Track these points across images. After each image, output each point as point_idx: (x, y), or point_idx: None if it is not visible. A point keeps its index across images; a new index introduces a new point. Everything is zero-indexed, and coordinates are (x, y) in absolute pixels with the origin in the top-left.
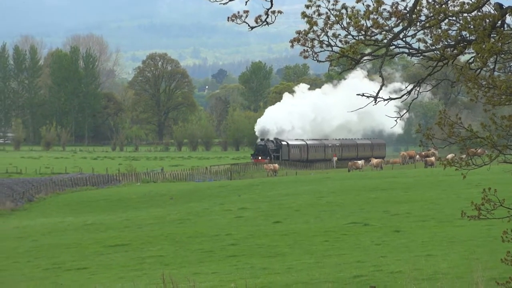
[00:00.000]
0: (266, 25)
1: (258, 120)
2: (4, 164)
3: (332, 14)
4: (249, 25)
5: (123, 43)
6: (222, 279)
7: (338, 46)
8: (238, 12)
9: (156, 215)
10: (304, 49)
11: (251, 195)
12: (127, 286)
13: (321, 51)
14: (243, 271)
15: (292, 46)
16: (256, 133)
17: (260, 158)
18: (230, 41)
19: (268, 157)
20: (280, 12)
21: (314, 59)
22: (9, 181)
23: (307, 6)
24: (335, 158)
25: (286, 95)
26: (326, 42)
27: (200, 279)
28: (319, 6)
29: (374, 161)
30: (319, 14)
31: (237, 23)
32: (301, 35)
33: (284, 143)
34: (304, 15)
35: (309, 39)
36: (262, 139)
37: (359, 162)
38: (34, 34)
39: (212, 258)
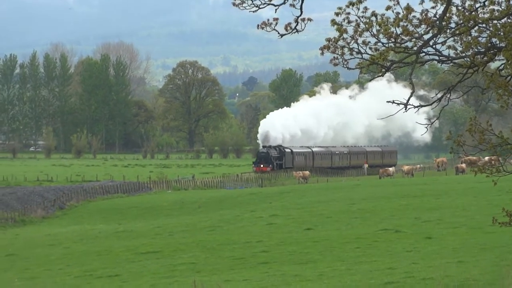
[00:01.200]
0: (296, 33)
1: (262, 124)
2: (35, 172)
3: (362, 22)
4: (278, 33)
5: (154, 50)
6: (254, 286)
7: (368, 54)
8: (268, 20)
9: (187, 223)
10: (334, 57)
11: (282, 202)
12: None
13: (351, 59)
14: (274, 278)
15: (322, 53)
16: (258, 140)
17: (262, 166)
18: (260, 48)
19: (270, 165)
20: (310, 19)
21: (344, 66)
22: (40, 189)
23: (337, 14)
24: (366, 165)
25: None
26: (356, 50)
27: (231, 286)
28: (348, 13)
29: (405, 168)
30: (349, 22)
31: (267, 30)
32: (331, 42)
33: (287, 150)
34: (333, 22)
35: (339, 46)
36: (264, 146)
37: (390, 169)
38: (65, 42)
39: (243, 265)
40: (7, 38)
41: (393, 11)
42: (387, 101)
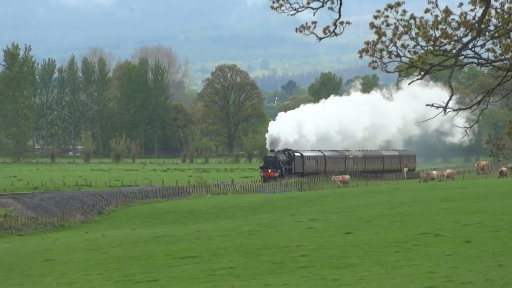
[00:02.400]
0: (335, 36)
1: (271, 128)
2: (74, 177)
3: (401, 25)
4: (317, 36)
5: (192, 54)
6: None
7: (406, 57)
8: (306, 23)
9: (226, 227)
10: (373, 60)
11: (322, 207)
12: None
13: (389, 62)
14: (314, 283)
15: (360, 56)
16: (267, 144)
17: (270, 171)
18: (299, 52)
19: (278, 170)
20: (348, 23)
21: (383, 69)
22: (79, 193)
23: (376, 17)
24: (405, 169)
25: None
26: (394, 53)
27: None
28: (387, 16)
29: (447, 171)
30: (388, 25)
31: (305, 34)
32: (369, 45)
33: (297, 154)
34: (372, 25)
35: (377, 49)
36: (272, 151)
37: (434, 172)
38: (103, 46)
39: (282, 269)
40: (45, 42)
41: (431, 14)
42: (426, 105)
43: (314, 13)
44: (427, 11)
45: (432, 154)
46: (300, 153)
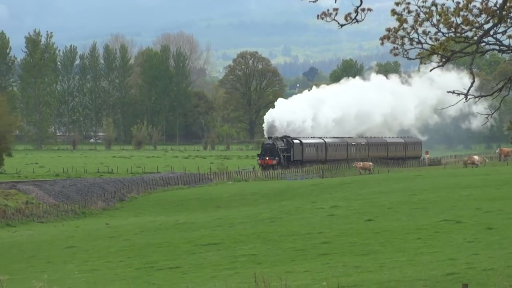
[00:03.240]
0: (356, 23)
1: (270, 112)
2: (95, 164)
3: (422, 12)
4: (338, 23)
5: (214, 41)
6: (314, 277)
7: (428, 43)
8: (328, 10)
9: (248, 214)
10: (394, 47)
11: (343, 193)
12: (219, 285)
13: (411, 49)
14: (335, 269)
15: (382, 43)
16: (265, 131)
17: (267, 158)
18: (320, 39)
19: (276, 158)
20: (369, 9)
21: (404, 56)
22: (101, 180)
23: (397, 4)
24: (427, 156)
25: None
26: (416, 40)
27: (292, 278)
28: (409, 3)
29: (475, 158)
30: (409, 12)
31: (327, 21)
32: (391, 32)
33: (296, 141)
34: (394, 12)
35: (399, 36)
36: (269, 137)
37: (476, 157)
38: (125, 33)
39: (304, 256)
40: (67, 29)
41: (453, 1)
42: (447, 91)
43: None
44: None
45: (452, 141)
46: (299, 140)
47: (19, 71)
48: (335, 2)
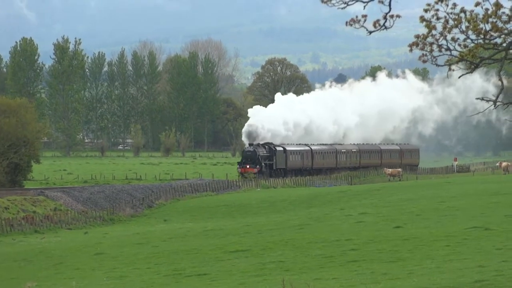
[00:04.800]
0: (385, 30)
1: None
2: (123, 171)
3: (451, 18)
4: (367, 30)
5: (242, 48)
6: (343, 284)
7: (457, 50)
8: (357, 17)
9: (276, 221)
10: (423, 53)
11: (372, 200)
12: None
13: (439, 55)
14: (363, 277)
15: (410, 50)
16: (243, 137)
17: (248, 167)
18: (349, 45)
19: (258, 166)
20: (398, 16)
21: (433, 63)
22: (129, 187)
23: (426, 10)
24: (455, 163)
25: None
26: (444, 46)
27: (321, 285)
28: (437, 10)
29: (503, 164)
30: (438, 18)
31: (355, 27)
32: (419, 39)
33: (279, 148)
34: (422, 19)
35: (427, 43)
36: (250, 144)
37: (504, 163)
38: (153, 40)
39: (332, 263)
40: (95, 36)
41: (482, 7)
42: (476, 98)
43: (364, 6)
44: (477, 4)
45: (480, 148)
46: (282, 147)
47: (48, 78)
48: (364, 8)
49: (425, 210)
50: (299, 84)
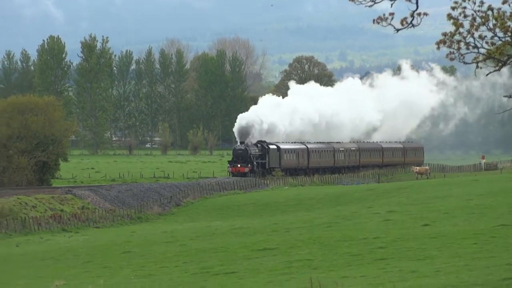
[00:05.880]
0: (412, 27)
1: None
2: (151, 169)
3: (478, 16)
4: (394, 27)
5: (270, 46)
6: (371, 282)
7: (484, 48)
8: (384, 15)
9: (304, 219)
10: (450, 51)
11: (400, 198)
12: None
13: (467, 53)
14: (391, 274)
15: (438, 48)
16: (236, 133)
17: (239, 166)
18: (376, 43)
19: (249, 165)
20: (425, 14)
21: (461, 61)
22: (157, 185)
23: (453, 8)
24: (483, 160)
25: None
26: (472, 44)
27: (348, 283)
28: (465, 7)
29: None
30: (465, 16)
31: (382, 25)
32: (447, 37)
33: (272, 147)
34: (450, 17)
35: (455, 41)
36: (241, 143)
37: None
38: (180, 38)
39: (360, 261)
40: (123, 34)
41: (509, 5)
42: (504, 96)
43: (391, 4)
44: (504, 2)
45: (508, 145)
46: (276, 146)
47: (75, 76)
48: (391, 6)
49: (453, 208)
50: (326, 82)
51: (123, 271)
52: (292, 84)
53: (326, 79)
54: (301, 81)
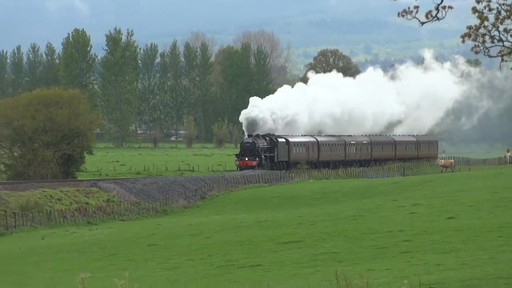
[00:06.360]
0: (437, 21)
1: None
2: (176, 162)
3: (503, 9)
4: (419, 21)
5: (294, 39)
6: (396, 275)
7: (509, 41)
8: (409, 8)
9: (329, 212)
10: (475, 45)
11: (425, 191)
12: (301, 283)
13: (492, 46)
14: (416, 268)
15: (463, 41)
16: (244, 127)
17: (247, 159)
18: (401, 36)
19: (257, 158)
20: (450, 7)
21: (485, 54)
22: (182, 178)
23: (478, 1)
24: (508, 154)
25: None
26: (497, 37)
27: (374, 276)
28: (489, 1)
29: None
30: (490, 9)
31: (407, 18)
32: (472, 30)
33: (281, 140)
34: (474, 10)
35: (480, 34)
36: (249, 135)
37: None
38: (205, 31)
39: (385, 254)
40: (147, 27)
41: None
42: None
43: None
44: None
45: None
46: (285, 139)
47: (100, 69)
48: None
49: (478, 201)
50: (351, 75)
51: (148, 264)
52: (311, 74)
53: (351, 72)
54: None
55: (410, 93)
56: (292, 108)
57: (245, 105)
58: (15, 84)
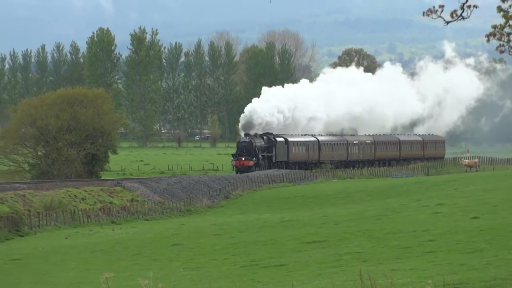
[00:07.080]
0: (462, 20)
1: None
2: (200, 161)
3: None
4: (444, 20)
5: (319, 38)
6: (420, 275)
7: None
8: (434, 7)
9: (353, 212)
10: (500, 44)
11: (449, 191)
12: (325, 283)
13: None
14: (440, 267)
15: (488, 40)
16: (240, 126)
17: (243, 159)
18: (426, 35)
19: (254, 158)
20: (475, 6)
21: (510, 53)
22: (206, 178)
23: (503, 0)
24: None
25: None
26: None
27: (398, 276)
28: None
29: None
30: None
31: (432, 17)
32: (497, 29)
33: (279, 139)
34: (499, 9)
35: (505, 33)
36: (246, 135)
37: None
38: (229, 30)
39: (409, 254)
40: (172, 26)
41: None
42: None
43: None
44: None
45: None
46: (283, 138)
47: (124, 68)
48: None
49: (503, 201)
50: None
51: (172, 263)
52: (327, 69)
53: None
54: None
55: (430, 90)
56: (311, 106)
57: None
58: (40, 83)
